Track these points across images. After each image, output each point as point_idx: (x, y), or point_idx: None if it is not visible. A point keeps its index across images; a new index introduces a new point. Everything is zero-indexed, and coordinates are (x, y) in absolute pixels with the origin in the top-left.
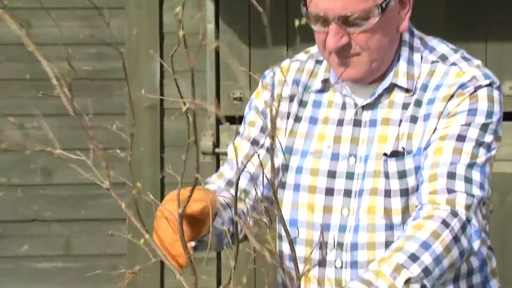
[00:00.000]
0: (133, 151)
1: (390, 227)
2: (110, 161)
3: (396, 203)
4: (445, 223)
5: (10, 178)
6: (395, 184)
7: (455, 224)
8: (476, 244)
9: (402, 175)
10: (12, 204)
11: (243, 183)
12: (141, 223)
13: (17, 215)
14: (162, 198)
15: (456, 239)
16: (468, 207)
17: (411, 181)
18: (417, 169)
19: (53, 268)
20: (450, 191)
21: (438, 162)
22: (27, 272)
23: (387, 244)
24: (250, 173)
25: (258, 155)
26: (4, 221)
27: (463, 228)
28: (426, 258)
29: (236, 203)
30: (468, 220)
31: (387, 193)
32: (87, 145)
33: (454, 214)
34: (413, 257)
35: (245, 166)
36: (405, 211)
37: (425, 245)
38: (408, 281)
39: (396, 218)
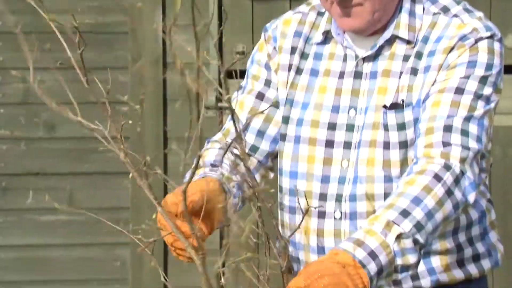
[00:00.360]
0: (136, 103)
1: (389, 179)
2: (113, 116)
3: (395, 155)
4: (437, 177)
5: (14, 132)
6: (394, 136)
7: (448, 177)
8: (471, 197)
9: (401, 127)
10: (15, 157)
11: (251, 138)
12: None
13: (21, 169)
14: (165, 154)
15: (449, 192)
16: (463, 160)
17: (410, 133)
18: (417, 121)
19: (57, 221)
20: (446, 144)
21: (435, 115)
22: (31, 225)
23: (386, 195)
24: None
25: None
26: (7, 174)
27: (457, 181)
28: (418, 213)
29: (245, 159)
30: (463, 173)
31: (386, 145)
32: (90, 99)
33: (447, 167)
34: (404, 213)
35: (246, 124)
36: (404, 164)
37: (417, 201)
38: (399, 237)
39: (395, 170)
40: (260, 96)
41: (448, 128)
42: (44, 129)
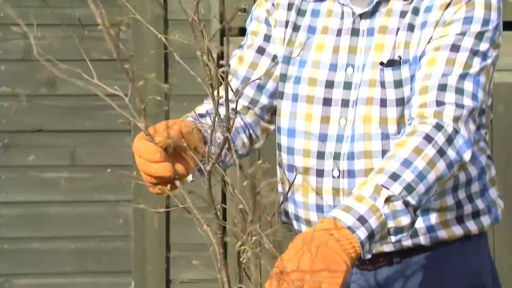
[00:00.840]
0: (137, 62)
1: (385, 136)
2: (115, 73)
3: (392, 112)
4: (428, 138)
5: (15, 88)
6: (391, 94)
7: (439, 137)
8: (466, 155)
9: (398, 84)
10: (17, 114)
11: (250, 91)
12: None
13: (23, 125)
14: (167, 111)
15: (441, 152)
16: (456, 119)
17: (407, 90)
18: (413, 78)
19: (59, 178)
20: (439, 103)
21: (430, 74)
22: (33, 182)
23: (383, 153)
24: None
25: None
26: (9, 131)
27: (449, 140)
28: (408, 176)
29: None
30: (456, 132)
31: (383, 103)
32: (91, 56)
33: (439, 127)
34: (394, 176)
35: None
36: (401, 121)
37: (406, 163)
38: (388, 200)
39: (392, 128)
40: (261, 51)
41: (442, 87)
42: (45, 86)
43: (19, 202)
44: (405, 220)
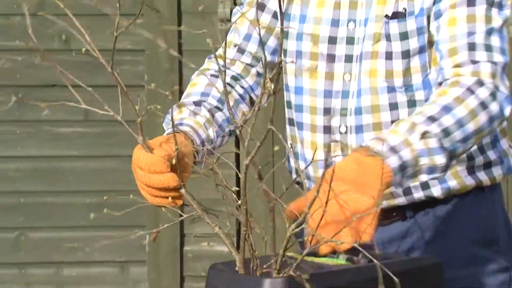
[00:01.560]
0: (150, 16)
1: (392, 89)
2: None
3: (398, 65)
4: (470, 90)
5: (28, 43)
6: (396, 46)
7: (482, 91)
8: (507, 110)
9: (404, 36)
10: (31, 69)
11: (253, 48)
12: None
13: (37, 80)
14: (180, 65)
15: (483, 105)
16: (493, 75)
17: (413, 43)
18: (420, 30)
19: (73, 133)
20: (474, 62)
21: (455, 35)
22: (47, 137)
23: (391, 106)
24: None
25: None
26: (24, 86)
27: (492, 95)
28: (446, 120)
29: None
30: (497, 88)
31: (388, 56)
32: (102, 11)
33: (480, 83)
34: (432, 119)
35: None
36: (407, 73)
37: (446, 109)
38: (424, 136)
39: (398, 81)
40: (261, 7)
41: (472, 46)
42: (59, 40)
43: (34, 156)
44: (439, 160)
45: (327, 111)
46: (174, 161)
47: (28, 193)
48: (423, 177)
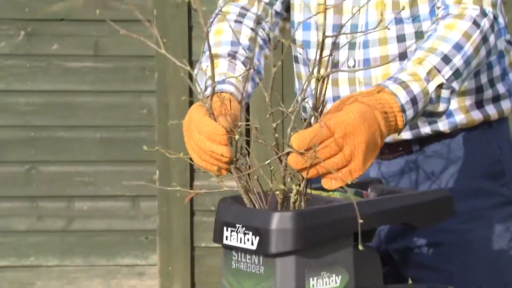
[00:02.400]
0: None
1: (399, 20)
2: None
3: None
4: (476, 23)
5: None
6: None
7: (485, 24)
8: (500, 42)
9: None
10: (40, 2)
11: None
12: None
13: (47, 14)
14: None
15: (484, 39)
16: (494, 5)
17: None
18: None
19: (84, 67)
20: None
21: None
22: (57, 71)
23: (398, 38)
24: None
25: None
26: (32, 20)
27: (492, 27)
28: (458, 61)
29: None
30: (495, 18)
31: None
32: None
33: (484, 13)
34: (446, 59)
35: None
36: (414, 4)
37: (458, 47)
38: (440, 86)
39: (405, 12)
40: None
41: None
42: None
43: (44, 91)
44: (443, 107)
45: (335, 45)
46: (237, 137)
47: (39, 127)
48: (422, 119)
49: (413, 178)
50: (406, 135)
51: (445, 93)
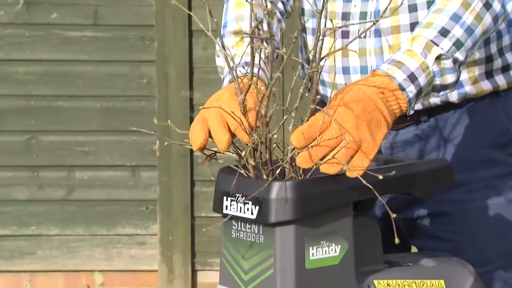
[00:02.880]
0: None
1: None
2: None
3: None
4: None
5: None
6: None
7: None
8: (509, 6)
9: None
10: None
11: None
12: None
13: None
14: None
15: (487, 5)
16: None
17: None
18: None
19: (83, 37)
20: None
21: None
22: (57, 40)
23: (410, 8)
24: None
25: None
26: None
27: None
28: (457, 31)
29: None
30: None
31: None
32: None
33: None
34: (444, 32)
35: None
36: None
37: (455, 17)
38: (439, 58)
39: None
40: None
41: None
42: None
43: (44, 60)
44: (451, 78)
45: (346, 16)
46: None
47: (39, 97)
48: (434, 96)
49: (420, 148)
50: (416, 105)
51: (447, 63)
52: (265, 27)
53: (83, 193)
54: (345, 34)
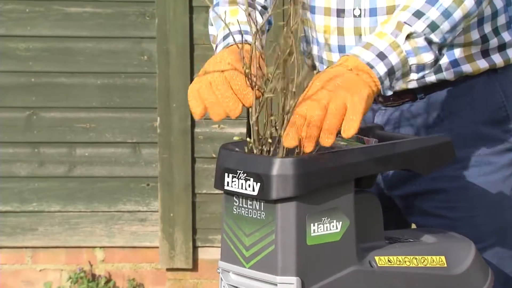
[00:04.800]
0: None
1: None
2: None
3: None
4: None
5: None
6: None
7: None
8: None
9: None
10: None
11: None
12: None
13: None
14: None
15: None
16: None
17: None
18: None
19: (84, 13)
20: None
21: None
22: (57, 16)
23: None
24: None
25: None
26: None
27: None
28: (432, 13)
29: None
30: None
31: None
32: None
33: None
34: (418, 14)
35: None
36: None
37: (431, 0)
38: (409, 36)
39: None
40: None
41: None
42: None
43: (44, 36)
44: (427, 57)
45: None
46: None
47: (40, 73)
48: (413, 76)
49: (417, 125)
50: (411, 84)
51: (419, 42)
52: None
53: (84, 169)
54: (341, 12)
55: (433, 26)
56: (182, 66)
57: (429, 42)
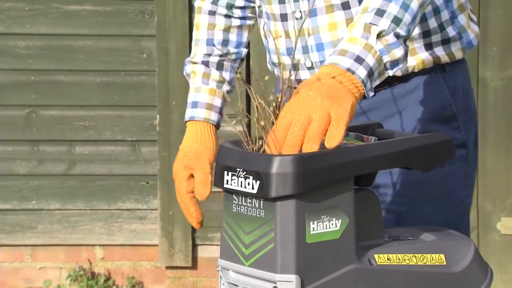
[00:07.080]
0: None
1: (346, 5)
2: None
3: None
4: None
5: None
6: None
7: None
8: None
9: None
10: None
11: None
12: None
13: None
14: None
15: None
16: None
17: None
18: None
19: (83, 11)
20: None
21: None
22: (57, 14)
23: (348, 22)
24: None
25: None
26: None
27: None
28: (392, 8)
29: None
30: None
31: None
32: None
33: None
34: (379, 12)
35: None
36: None
37: None
38: (380, 35)
39: None
40: None
41: None
42: None
43: (44, 34)
44: (398, 52)
45: (284, 17)
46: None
47: (39, 71)
48: (389, 73)
49: (372, 118)
50: None
51: (390, 38)
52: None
53: (84, 167)
54: (284, 17)
55: (396, 21)
56: (182, 64)
57: (397, 36)
